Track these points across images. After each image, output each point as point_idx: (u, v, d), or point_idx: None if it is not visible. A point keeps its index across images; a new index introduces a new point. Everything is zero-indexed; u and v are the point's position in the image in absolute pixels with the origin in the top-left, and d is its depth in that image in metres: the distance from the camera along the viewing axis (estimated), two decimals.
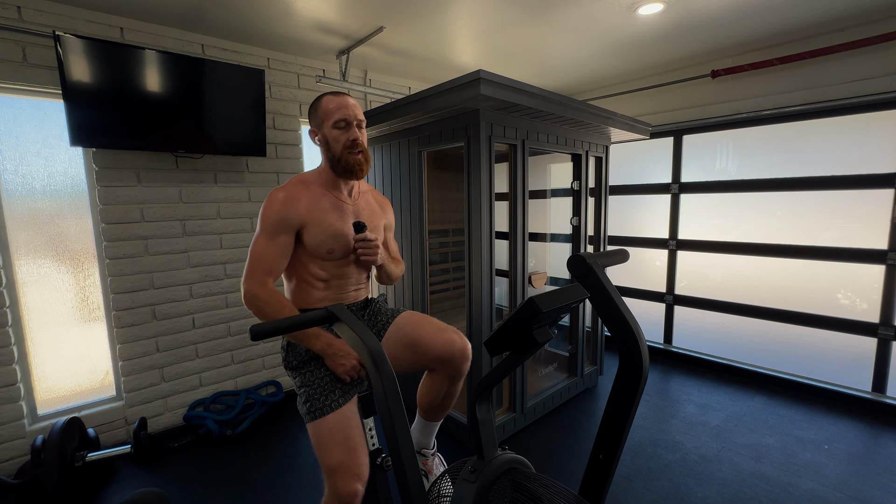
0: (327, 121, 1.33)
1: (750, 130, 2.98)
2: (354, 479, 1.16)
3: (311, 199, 1.33)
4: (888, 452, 2.15)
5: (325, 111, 1.33)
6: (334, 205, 1.37)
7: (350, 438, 1.23)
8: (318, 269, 1.36)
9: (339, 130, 1.32)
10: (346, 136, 1.32)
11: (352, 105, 1.34)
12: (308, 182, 1.37)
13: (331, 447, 1.21)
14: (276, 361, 2.88)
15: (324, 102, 1.34)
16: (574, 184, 2.75)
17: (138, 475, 2.09)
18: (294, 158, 2.85)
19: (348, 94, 1.38)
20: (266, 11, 2.17)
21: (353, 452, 1.21)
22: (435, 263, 3.38)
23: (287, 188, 1.33)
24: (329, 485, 1.19)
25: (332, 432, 1.23)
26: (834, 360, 2.74)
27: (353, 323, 0.93)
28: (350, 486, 1.15)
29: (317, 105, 1.36)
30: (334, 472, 1.18)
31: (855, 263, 2.61)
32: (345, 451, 1.20)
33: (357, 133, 1.34)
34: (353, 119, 1.33)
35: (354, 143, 1.33)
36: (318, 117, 1.36)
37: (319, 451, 1.23)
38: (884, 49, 2.40)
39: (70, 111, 1.96)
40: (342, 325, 0.93)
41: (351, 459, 1.19)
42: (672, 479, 1.97)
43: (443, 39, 2.60)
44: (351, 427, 1.25)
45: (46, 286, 2.19)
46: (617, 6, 2.20)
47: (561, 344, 2.95)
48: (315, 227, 1.31)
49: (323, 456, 1.22)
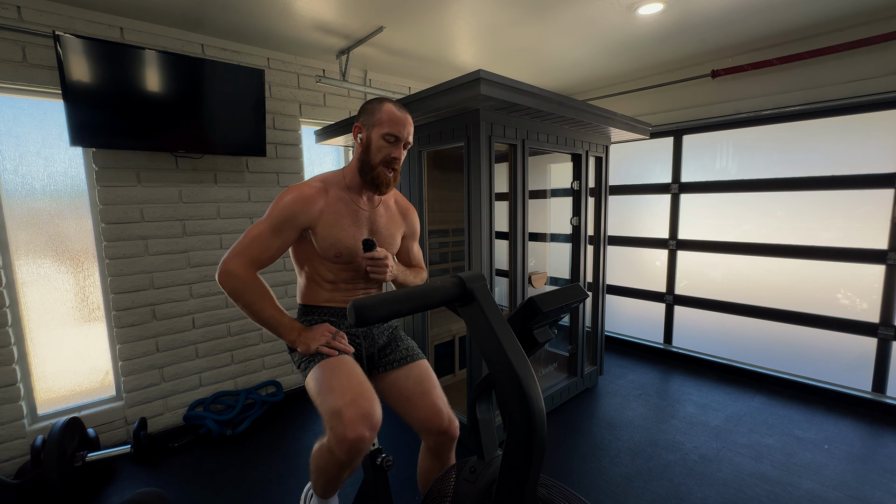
0: (380, 127, 1.30)
1: (750, 130, 2.98)
2: (362, 422, 1.05)
3: (328, 203, 1.31)
4: (888, 452, 2.15)
5: (384, 118, 1.30)
6: (351, 210, 1.35)
7: (356, 378, 1.15)
8: (326, 271, 1.36)
9: (386, 143, 1.30)
10: (390, 151, 1.31)
11: (409, 125, 1.33)
12: (329, 184, 1.35)
13: (334, 385, 1.11)
14: (276, 361, 2.88)
15: (387, 109, 1.31)
16: (574, 184, 2.75)
17: (138, 475, 2.09)
18: (294, 158, 2.85)
19: (409, 115, 1.36)
20: (266, 11, 2.17)
21: (363, 393, 1.10)
22: (435, 263, 3.38)
23: (306, 187, 1.30)
24: (330, 427, 1.07)
25: (334, 370, 1.16)
26: (834, 360, 2.74)
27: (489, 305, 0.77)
28: (357, 428, 1.03)
29: (377, 107, 1.32)
30: (339, 411, 1.05)
31: (855, 263, 2.61)
32: (352, 388, 1.10)
33: (401, 152, 1.33)
34: (405, 139, 1.32)
35: (395, 160, 1.32)
36: (372, 119, 1.32)
37: (321, 395, 1.13)
38: (884, 49, 2.39)
39: (70, 111, 1.96)
40: None
41: (359, 396, 1.08)
42: (672, 479, 1.97)
43: (443, 39, 2.60)
44: (356, 369, 1.19)
45: (46, 286, 2.19)
46: (617, 6, 2.20)
47: (561, 344, 2.95)
48: (326, 230, 1.30)
49: (325, 397, 1.10)
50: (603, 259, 2.96)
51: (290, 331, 1.28)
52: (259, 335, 2.79)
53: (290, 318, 1.30)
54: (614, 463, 2.10)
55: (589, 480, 1.97)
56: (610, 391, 2.88)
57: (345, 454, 1.06)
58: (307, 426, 2.51)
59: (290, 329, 1.28)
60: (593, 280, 2.97)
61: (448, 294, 0.71)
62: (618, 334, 3.79)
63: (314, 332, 1.28)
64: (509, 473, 0.66)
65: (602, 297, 2.99)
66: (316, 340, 1.26)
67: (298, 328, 1.29)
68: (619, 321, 3.82)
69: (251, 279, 1.24)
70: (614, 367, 3.28)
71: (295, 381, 2.98)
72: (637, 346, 3.62)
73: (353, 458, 1.07)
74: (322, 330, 1.29)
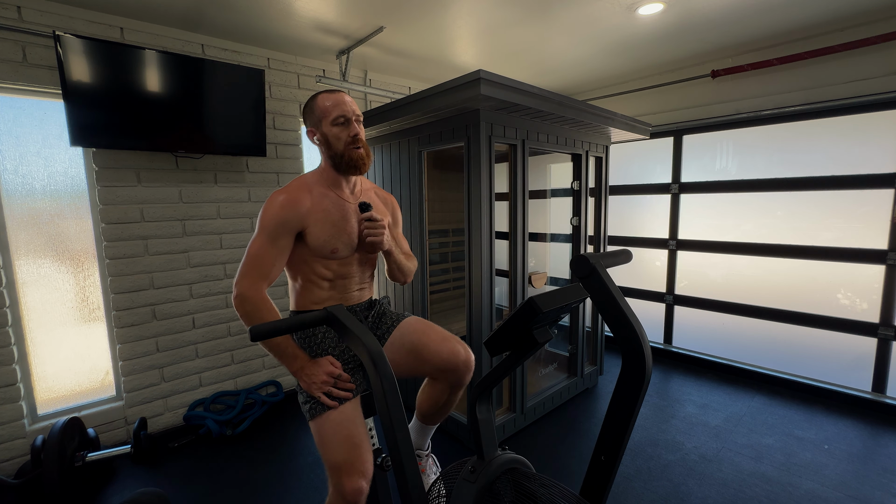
0: (325, 119, 1.32)
1: (750, 130, 2.98)
2: (358, 476, 1.15)
3: (314, 201, 1.32)
4: (888, 452, 2.15)
5: (323, 109, 1.32)
6: (337, 204, 1.36)
7: (353, 436, 1.22)
8: (323, 269, 1.36)
9: (339, 127, 1.32)
10: (347, 132, 1.32)
11: (348, 101, 1.34)
12: (310, 183, 1.36)
13: (334, 445, 1.20)
14: (275, 362, 2.88)
15: (319, 101, 1.34)
16: (574, 184, 2.75)
17: (138, 475, 2.09)
18: (294, 158, 2.85)
19: (342, 91, 1.38)
20: (266, 11, 2.17)
21: (357, 449, 1.20)
22: (435, 263, 3.38)
23: (288, 190, 1.32)
24: (333, 483, 1.18)
25: (334, 429, 1.22)
26: (834, 360, 2.74)
27: (353, 324, 0.93)
28: (354, 483, 1.14)
29: (312, 104, 1.35)
30: (338, 469, 1.17)
31: (855, 263, 2.61)
32: (348, 449, 1.19)
33: (357, 128, 1.34)
34: (352, 115, 1.33)
35: (356, 138, 1.32)
36: (315, 116, 1.34)
37: (323, 449, 1.22)
38: (884, 49, 2.40)
39: (70, 111, 1.96)
40: (342, 325, 0.93)
41: (354, 456, 1.18)
42: (672, 479, 1.97)
43: (443, 39, 2.60)
44: (354, 424, 1.24)
45: (46, 286, 2.19)
46: (617, 6, 2.20)
47: (561, 344, 2.95)
48: (318, 227, 1.31)
49: (326, 454, 1.21)
50: None
51: (294, 360, 1.28)
52: None
53: (295, 346, 1.30)
54: None
55: None
56: (610, 391, 2.88)
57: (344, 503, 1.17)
58: (307, 426, 2.51)
59: (294, 359, 1.28)
60: None
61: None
62: None
63: (316, 372, 1.26)
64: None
65: None
66: (317, 385, 1.25)
67: (302, 359, 1.28)
68: None
69: (261, 301, 1.26)
70: (614, 367, 3.28)
71: (295, 381, 2.97)
72: None
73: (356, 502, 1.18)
74: (322, 372, 1.27)
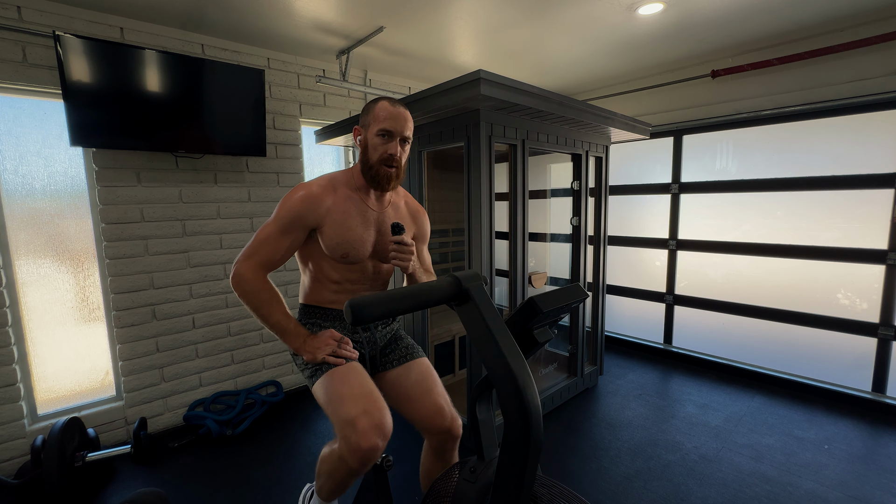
0: (374, 126, 1.29)
1: (750, 130, 2.98)
2: (375, 432, 1.06)
3: (335, 202, 1.30)
4: (888, 452, 2.15)
5: (377, 116, 1.29)
6: (359, 210, 1.34)
7: (365, 385, 1.14)
8: (331, 270, 1.35)
9: (380, 139, 1.29)
10: (385, 148, 1.28)
11: (402, 118, 1.29)
12: (337, 183, 1.34)
13: (345, 397, 1.11)
14: (276, 361, 2.88)
15: (378, 107, 1.30)
16: (574, 184, 2.75)
17: (138, 475, 2.09)
18: (294, 158, 2.85)
19: (405, 107, 1.32)
20: (266, 11, 2.17)
21: (371, 396, 1.11)
22: (435, 263, 3.38)
23: (313, 186, 1.30)
24: (343, 437, 1.08)
25: (343, 380, 1.15)
26: (834, 360, 2.74)
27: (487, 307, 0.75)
28: (370, 439, 1.04)
29: (371, 107, 1.32)
30: (353, 421, 1.05)
31: (855, 263, 2.61)
32: (362, 396, 1.10)
33: (397, 148, 1.29)
34: (399, 134, 1.29)
35: (391, 157, 1.29)
36: (367, 119, 1.32)
37: (332, 406, 1.12)
38: (884, 49, 2.39)
39: (70, 111, 1.96)
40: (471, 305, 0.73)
41: (370, 404, 1.09)
42: (672, 479, 1.97)
43: (443, 39, 2.60)
44: (364, 376, 1.18)
45: (46, 286, 2.19)
46: (617, 6, 2.20)
47: (561, 344, 2.95)
48: (333, 229, 1.29)
49: (337, 408, 1.10)
50: (603, 259, 2.96)
51: (295, 338, 1.27)
52: (259, 335, 2.79)
53: (297, 324, 1.29)
54: (614, 463, 2.10)
55: (589, 480, 1.97)
56: (610, 391, 2.88)
57: (357, 463, 1.07)
58: (307, 426, 2.51)
59: (296, 336, 1.27)
60: (593, 280, 2.97)
61: (444, 293, 0.72)
62: (618, 334, 3.79)
63: (319, 341, 1.26)
64: (506, 472, 0.66)
65: (602, 297, 2.99)
66: (321, 350, 1.24)
67: (304, 335, 1.28)
68: (619, 321, 3.82)
69: (260, 283, 1.25)
70: (614, 367, 3.28)
71: (295, 381, 2.98)
72: (637, 346, 3.62)
73: (364, 466, 1.08)
74: (326, 338, 1.27)
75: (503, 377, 0.64)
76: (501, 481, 0.68)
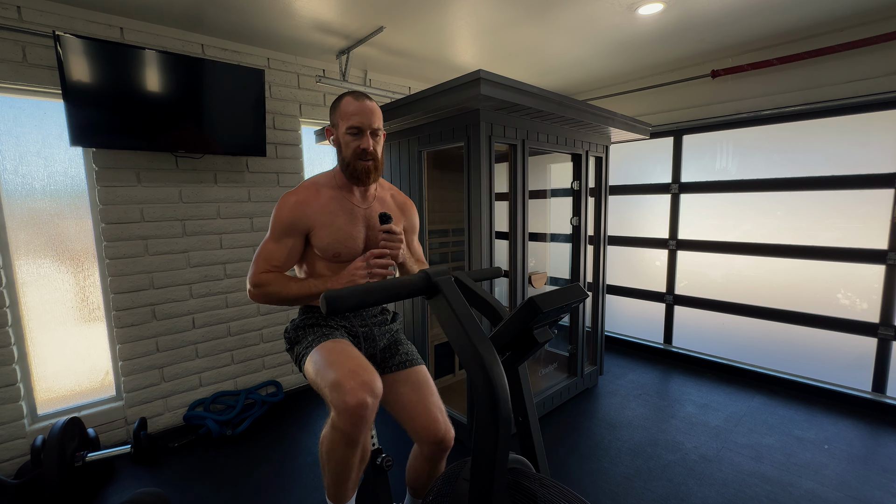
0: (342, 123, 1.30)
1: (750, 130, 2.98)
2: (363, 388, 1.05)
3: (321, 203, 1.32)
4: (888, 452, 2.15)
5: (343, 113, 1.30)
6: (345, 208, 1.35)
7: (352, 353, 1.16)
8: (325, 270, 1.36)
9: (350, 136, 1.30)
10: (358, 143, 1.29)
11: (368, 112, 1.29)
12: (320, 185, 1.36)
13: (332, 361, 1.13)
14: (275, 361, 2.88)
15: (343, 104, 1.30)
16: (574, 184, 2.75)
17: (138, 475, 2.09)
18: (294, 158, 2.85)
19: (369, 98, 1.32)
20: (266, 11, 2.17)
21: (358, 360, 1.13)
22: (435, 263, 3.38)
23: (298, 192, 1.32)
24: (333, 400, 1.07)
25: (330, 350, 1.18)
26: (834, 360, 2.74)
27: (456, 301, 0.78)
28: (357, 394, 1.04)
29: (337, 104, 1.33)
30: (339, 382, 1.06)
31: (855, 263, 2.61)
32: (348, 360, 1.12)
33: (369, 142, 1.29)
34: (367, 128, 1.29)
35: (364, 151, 1.29)
36: (335, 117, 1.33)
37: (320, 374, 1.13)
38: (884, 49, 2.39)
39: (70, 111, 1.96)
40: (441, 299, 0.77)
41: (356, 365, 1.10)
42: (672, 479, 1.97)
43: (443, 39, 2.60)
44: (353, 349, 1.21)
45: (46, 286, 2.19)
46: (617, 6, 2.19)
47: (561, 344, 2.95)
48: (323, 230, 1.31)
49: (324, 374, 1.11)
50: (603, 259, 2.96)
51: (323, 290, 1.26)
52: (259, 335, 2.79)
53: (315, 283, 1.31)
54: (614, 463, 2.10)
55: (589, 480, 1.97)
56: (610, 391, 2.88)
57: (348, 423, 1.05)
58: (307, 426, 2.51)
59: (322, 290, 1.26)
60: (593, 280, 2.97)
61: (415, 287, 0.76)
62: (618, 334, 3.79)
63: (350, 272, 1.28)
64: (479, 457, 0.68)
65: (602, 297, 2.99)
66: (358, 275, 1.27)
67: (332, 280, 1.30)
68: (619, 321, 3.82)
69: (270, 276, 1.29)
70: (614, 367, 3.28)
71: (295, 381, 2.98)
72: (637, 346, 3.62)
73: (357, 427, 1.06)
74: (353, 269, 1.29)
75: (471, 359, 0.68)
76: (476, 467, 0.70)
